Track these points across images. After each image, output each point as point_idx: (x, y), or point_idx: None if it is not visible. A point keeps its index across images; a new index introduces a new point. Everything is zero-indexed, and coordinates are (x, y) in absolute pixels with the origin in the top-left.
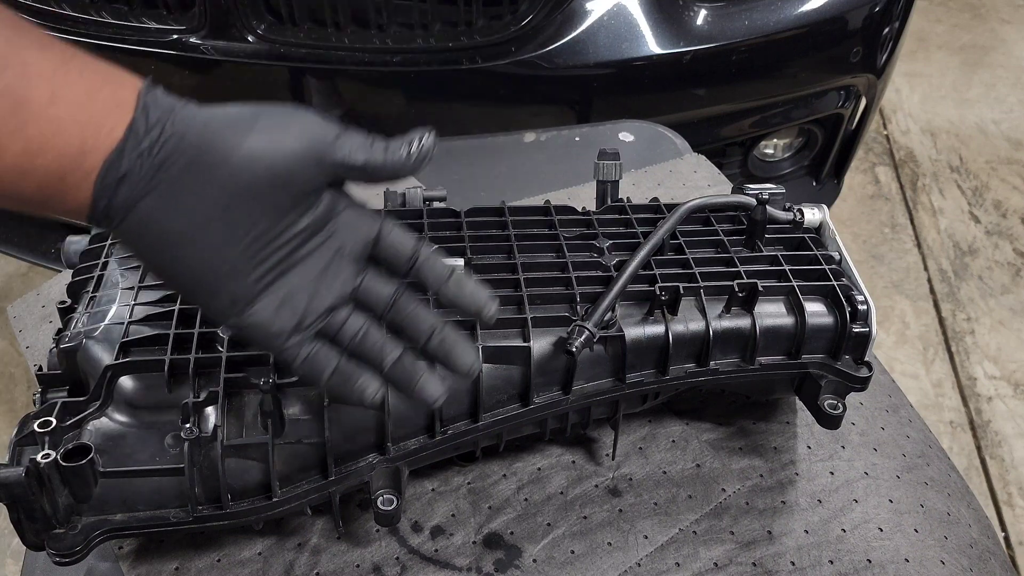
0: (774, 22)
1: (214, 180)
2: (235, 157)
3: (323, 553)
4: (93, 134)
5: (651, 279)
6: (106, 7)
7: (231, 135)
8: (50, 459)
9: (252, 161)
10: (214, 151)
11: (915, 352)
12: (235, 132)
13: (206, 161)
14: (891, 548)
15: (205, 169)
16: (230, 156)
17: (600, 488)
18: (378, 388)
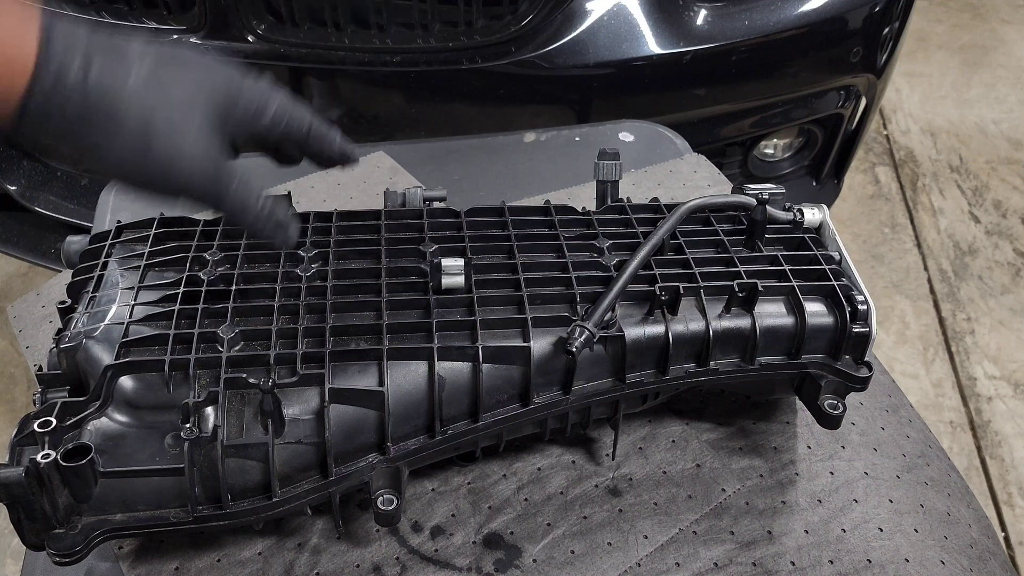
0: (774, 22)
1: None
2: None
3: (323, 553)
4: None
5: (651, 279)
6: (106, 7)
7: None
8: (50, 459)
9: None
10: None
11: (915, 352)
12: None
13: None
14: (891, 548)
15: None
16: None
17: (600, 488)
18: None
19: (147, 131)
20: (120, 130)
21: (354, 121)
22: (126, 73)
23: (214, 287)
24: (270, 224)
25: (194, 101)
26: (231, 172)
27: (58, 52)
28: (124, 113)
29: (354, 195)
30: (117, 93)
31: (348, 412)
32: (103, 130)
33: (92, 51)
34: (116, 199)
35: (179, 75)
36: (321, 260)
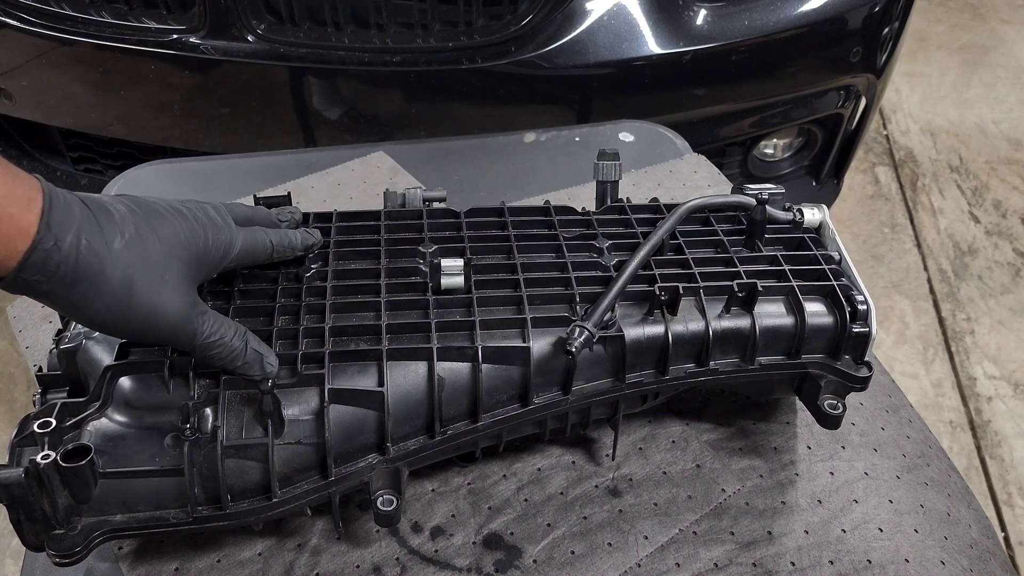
0: (774, 22)
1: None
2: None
3: (323, 554)
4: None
5: (651, 279)
6: (106, 7)
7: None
8: (50, 460)
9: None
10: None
11: (915, 352)
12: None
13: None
14: (891, 548)
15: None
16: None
17: (600, 488)
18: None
19: (130, 288)
20: (105, 288)
21: (354, 121)
22: (111, 238)
23: (214, 287)
24: (243, 360)
25: (171, 257)
26: (204, 318)
27: (58, 223)
28: (109, 273)
29: (354, 195)
30: (103, 257)
31: (348, 412)
32: (90, 288)
33: (83, 223)
34: None
35: (156, 233)
36: (321, 260)
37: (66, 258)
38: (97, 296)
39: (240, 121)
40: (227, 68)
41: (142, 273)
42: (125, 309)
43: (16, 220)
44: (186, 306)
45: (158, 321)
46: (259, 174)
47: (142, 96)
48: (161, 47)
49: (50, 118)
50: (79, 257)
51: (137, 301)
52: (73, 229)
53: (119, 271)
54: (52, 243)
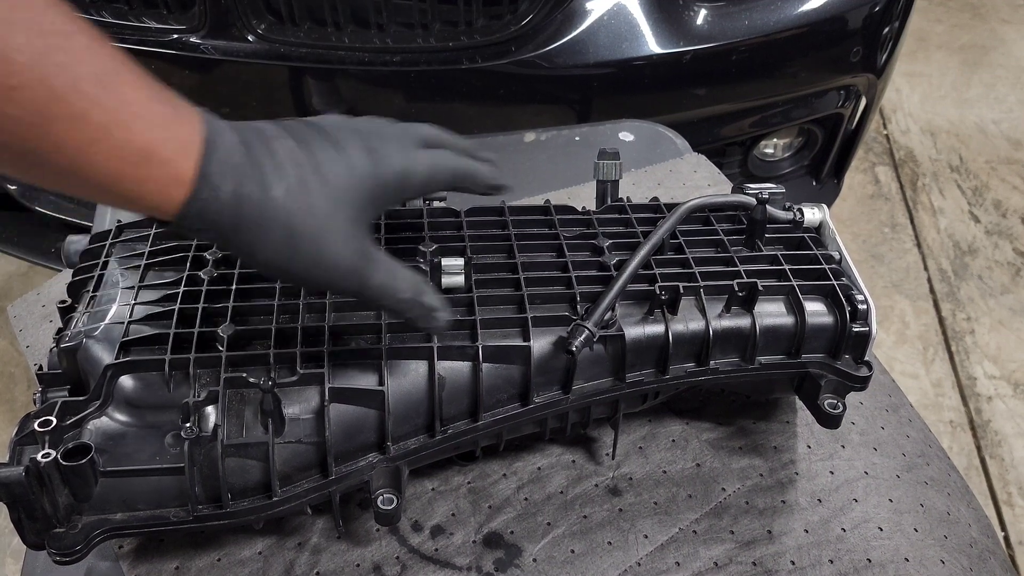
0: (774, 22)
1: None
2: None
3: (323, 552)
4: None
5: (651, 279)
6: (106, 7)
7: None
8: (50, 458)
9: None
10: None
11: (915, 352)
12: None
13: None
14: (891, 547)
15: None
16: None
17: (600, 487)
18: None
19: (292, 236)
20: (268, 236)
21: None
22: (272, 186)
23: (214, 286)
24: (415, 310)
25: (338, 201)
26: (375, 264)
27: (216, 172)
28: (271, 222)
29: None
30: (264, 206)
31: (348, 411)
32: (253, 237)
33: (244, 169)
34: None
35: (321, 174)
36: None
37: (225, 207)
38: (260, 245)
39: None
40: (227, 68)
41: (305, 222)
42: (288, 259)
43: (172, 166)
44: (355, 255)
45: (322, 272)
46: None
47: None
48: (161, 47)
49: None
50: (239, 207)
51: (301, 251)
52: (231, 177)
53: (280, 221)
54: (209, 193)
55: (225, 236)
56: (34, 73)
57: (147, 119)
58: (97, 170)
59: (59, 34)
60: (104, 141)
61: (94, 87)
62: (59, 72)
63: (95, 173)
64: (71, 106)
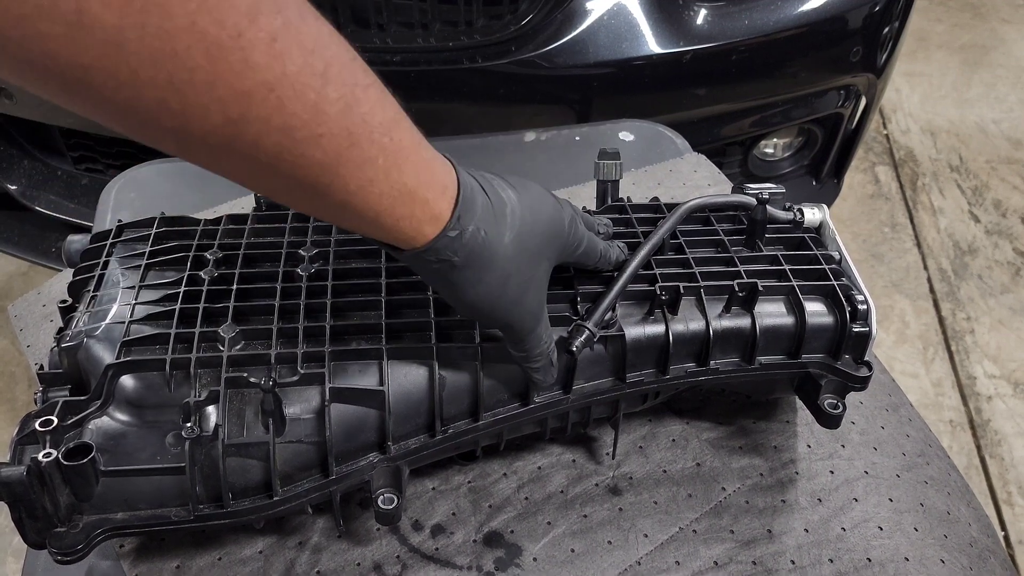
0: (774, 22)
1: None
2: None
3: (324, 552)
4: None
5: (651, 279)
6: None
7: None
8: (51, 458)
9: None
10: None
11: (915, 351)
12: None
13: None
14: (891, 547)
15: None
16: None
17: (600, 487)
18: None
19: (505, 282)
20: (487, 277)
21: None
22: (503, 233)
23: (215, 286)
24: (544, 363)
25: (541, 255)
26: (545, 314)
27: (465, 214)
28: (494, 266)
29: None
30: (494, 250)
31: (349, 411)
32: (474, 275)
33: (484, 214)
34: (117, 198)
35: (536, 229)
36: (321, 259)
37: (464, 247)
38: (476, 284)
39: None
40: None
41: (520, 269)
42: (495, 300)
43: (431, 206)
44: (540, 305)
45: (516, 314)
46: None
47: None
48: None
49: (50, 118)
50: (474, 247)
51: (508, 295)
52: (475, 220)
53: (500, 266)
54: (457, 233)
55: (448, 271)
56: (340, 123)
57: (416, 164)
58: (368, 206)
59: (360, 86)
60: (381, 182)
61: (382, 135)
62: (360, 122)
63: (366, 208)
64: (363, 151)
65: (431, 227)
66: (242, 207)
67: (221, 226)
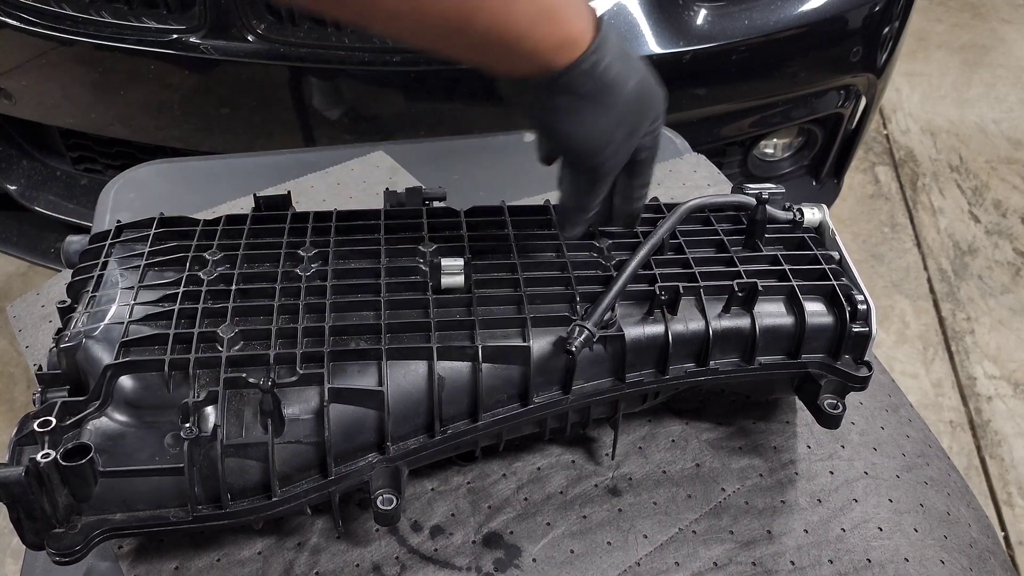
0: (774, 22)
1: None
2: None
3: (323, 552)
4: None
5: (651, 279)
6: (106, 7)
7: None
8: (50, 459)
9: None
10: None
11: (915, 352)
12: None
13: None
14: (891, 547)
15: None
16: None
17: (600, 488)
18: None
19: (615, 127)
20: (601, 119)
21: (354, 121)
22: (630, 77)
23: (214, 287)
24: (591, 207)
25: (644, 114)
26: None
27: (603, 46)
28: (614, 106)
29: (354, 195)
30: (619, 91)
31: (348, 412)
32: (593, 112)
33: (621, 53)
34: (116, 198)
35: (648, 86)
36: (321, 260)
37: (596, 79)
38: (592, 119)
39: (240, 121)
40: (227, 68)
41: (630, 119)
42: (604, 142)
43: (570, 26)
44: (627, 156)
45: (609, 161)
46: (259, 174)
47: (142, 96)
48: (161, 47)
49: (50, 118)
50: (605, 82)
51: (615, 139)
52: (611, 54)
53: (618, 110)
54: (593, 61)
55: (570, 102)
56: None
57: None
58: (509, 28)
59: None
60: (521, 2)
61: None
62: None
63: (506, 31)
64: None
65: (570, 51)
66: (241, 207)
67: (220, 226)
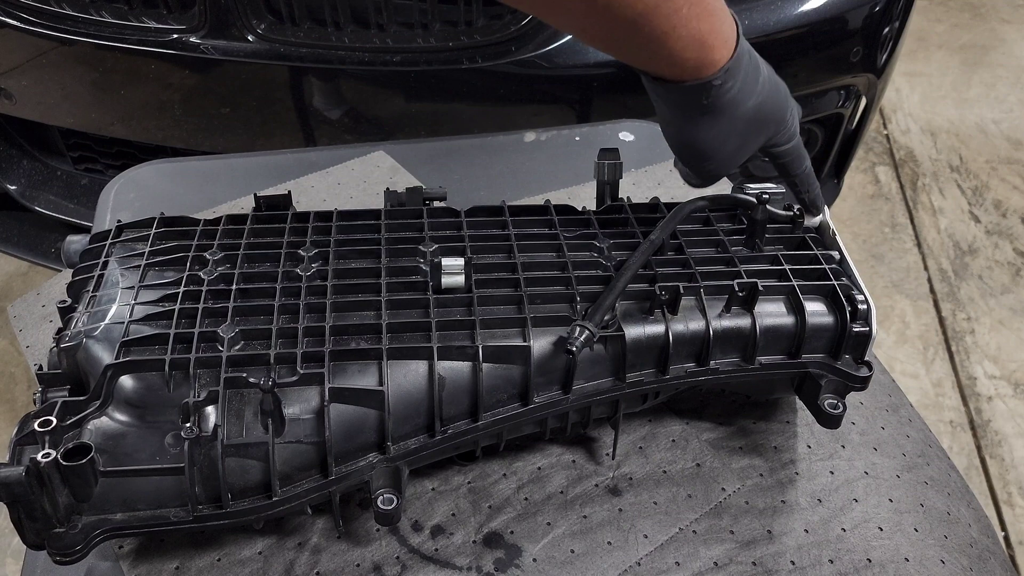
0: (774, 22)
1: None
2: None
3: (323, 552)
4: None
5: (651, 278)
6: (106, 7)
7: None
8: (50, 458)
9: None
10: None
11: (915, 352)
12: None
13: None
14: (891, 547)
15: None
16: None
17: (600, 487)
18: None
19: (731, 136)
20: (714, 131)
21: (354, 121)
22: (749, 97)
23: (214, 286)
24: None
25: (765, 126)
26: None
27: (733, 68)
28: (729, 123)
29: (354, 195)
30: (737, 107)
31: (348, 411)
32: (707, 124)
33: (745, 75)
34: (116, 198)
35: (768, 109)
36: (321, 259)
37: (718, 97)
38: (706, 131)
39: (240, 121)
40: (227, 68)
41: (745, 131)
42: (714, 148)
43: (712, 53)
44: (737, 164)
45: (717, 165)
46: (259, 174)
47: (142, 96)
48: (161, 47)
49: (50, 118)
50: (725, 102)
51: (726, 148)
52: (737, 79)
53: (733, 125)
54: (720, 83)
55: (691, 110)
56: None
57: (712, 15)
58: (668, 47)
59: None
60: (681, 28)
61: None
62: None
63: (664, 49)
64: (673, 2)
65: (705, 71)
66: (242, 207)
67: (220, 226)
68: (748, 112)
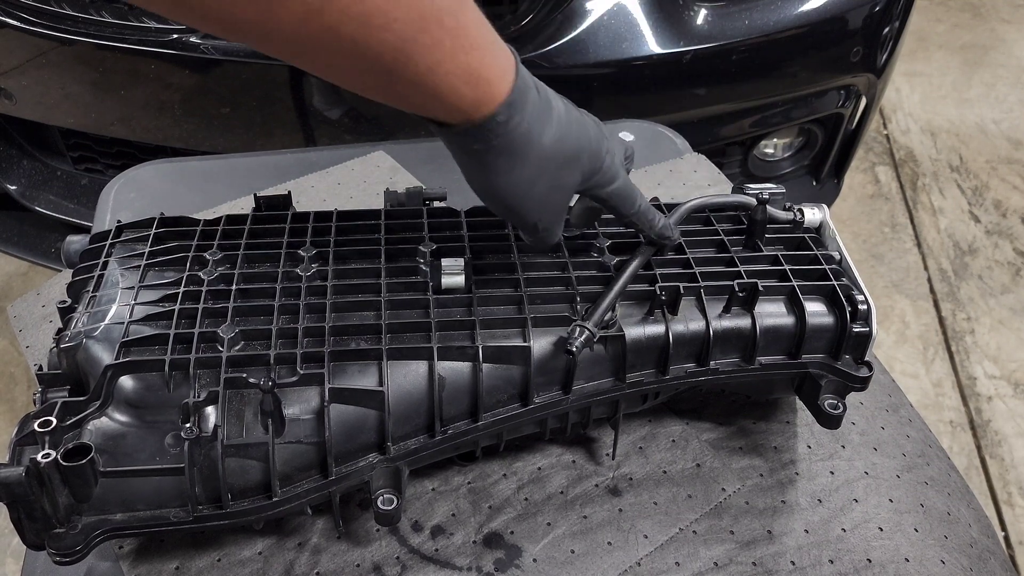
0: (774, 22)
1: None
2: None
3: (323, 553)
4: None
5: (651, 279)
6: (106, 7)
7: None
8: (50, 459)
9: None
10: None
11: (915, 352)
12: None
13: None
14: (891, 547)
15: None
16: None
17: (600, 488)
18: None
19: (535, 180)
20: (517, 171)
21: (354, 121)
22: (544, 132)
23: (214, 287)
24: (540, 239)
25: (573, 168)
26: (560, 221)
27: (517, 103)
28: (529, 162)
29: (354, 195)
30: (532, 145)
31: (348, 412)
32: (509, 164)
33: (533, 110)
34: (116, 198)
35: (573, 141)
36: (321, 260)
37: (507, 134)
38: (507, 173)
39: (240, 121)
40: (227, 68)
41: (551, 171)
42: (521, 194)
43: (490, 88)
44: (561, 211)
45: (541, 215)
46: (259, 174)
47: (142, 96)
48: (161, 47)
49: (50, 118)
50: (517, 138)
51: (534, 193)
52: (525, 112)
53: (534, 162)
54: (506, 117)
55: (484, 154)
56: (412, 7)
57: (481, 47)
58: (435, 85)
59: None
60: (447, 63)
61: (450, 19)
62: (429, 5)
63: (431, 88)
64: (431, 35)
65: (487, 108)
66: (242, 207)
67: (220, 226)
68: (548, 148)
